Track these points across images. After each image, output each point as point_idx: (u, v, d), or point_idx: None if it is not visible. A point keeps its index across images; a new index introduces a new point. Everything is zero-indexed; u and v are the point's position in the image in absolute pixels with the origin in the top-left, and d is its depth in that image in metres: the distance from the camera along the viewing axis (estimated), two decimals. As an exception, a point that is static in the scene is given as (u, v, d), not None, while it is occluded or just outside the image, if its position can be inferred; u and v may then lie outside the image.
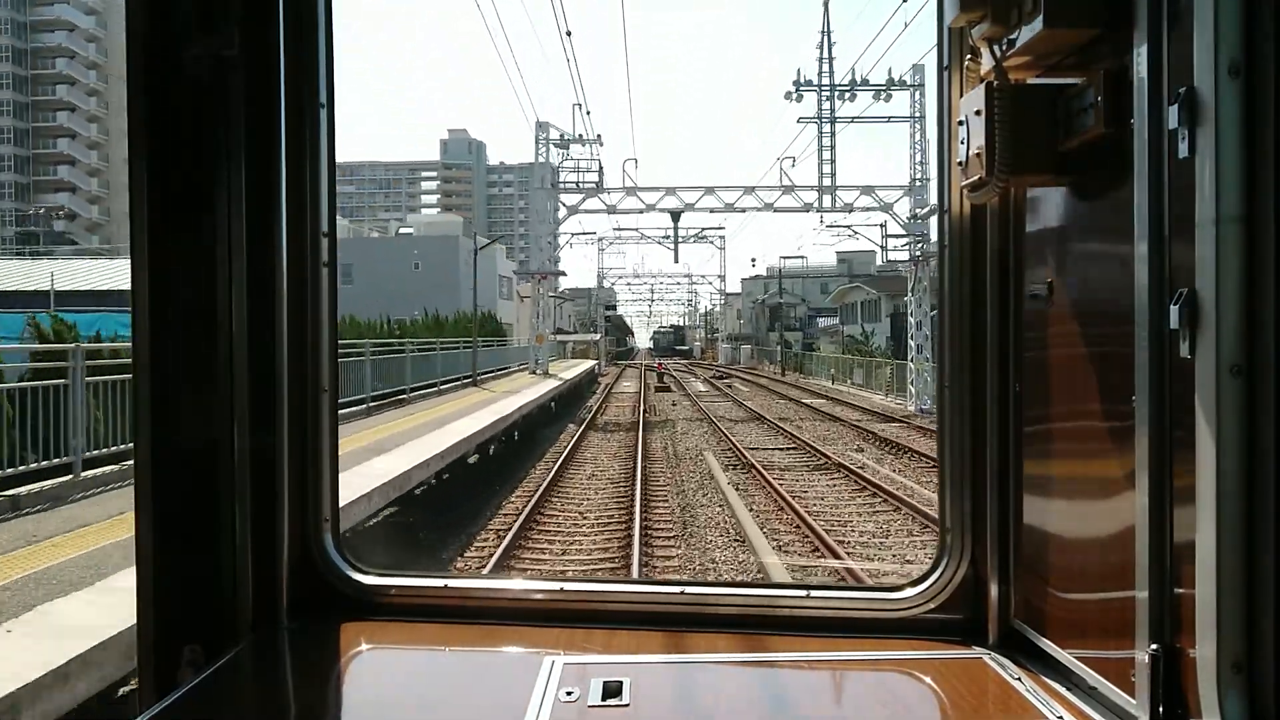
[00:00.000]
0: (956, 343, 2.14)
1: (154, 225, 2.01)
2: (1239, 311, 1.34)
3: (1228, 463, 1.34)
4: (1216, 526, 1.35)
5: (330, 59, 2.21)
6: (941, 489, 2.22)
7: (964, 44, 2.04)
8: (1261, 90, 1.31)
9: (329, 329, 2.23)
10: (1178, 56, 1.44)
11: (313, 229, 2.18)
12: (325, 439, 2.23)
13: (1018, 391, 2.06)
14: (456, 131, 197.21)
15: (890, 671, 2.04)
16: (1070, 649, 1.87)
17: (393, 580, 2.31)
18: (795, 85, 33.23)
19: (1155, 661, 1.50)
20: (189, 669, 1.99)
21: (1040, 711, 1.75)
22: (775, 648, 2.10)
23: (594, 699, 1.80)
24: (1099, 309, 1.78)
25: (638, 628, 2.19)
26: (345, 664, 2.11)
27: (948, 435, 2.17)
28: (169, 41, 2.01)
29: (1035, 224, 2.01)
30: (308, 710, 2.01)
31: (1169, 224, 1.47)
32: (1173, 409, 1.48)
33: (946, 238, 2.14)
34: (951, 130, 2.06)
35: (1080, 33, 1.74)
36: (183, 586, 2.05)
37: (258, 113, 2.07)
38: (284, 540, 2.15)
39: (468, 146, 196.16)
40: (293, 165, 2.14)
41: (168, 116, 2.03)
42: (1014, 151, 1.80)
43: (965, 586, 2.13)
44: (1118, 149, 1.62)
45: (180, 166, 2.05)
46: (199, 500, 2.07)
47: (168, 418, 2.05)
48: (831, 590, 2.52)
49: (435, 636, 2.22)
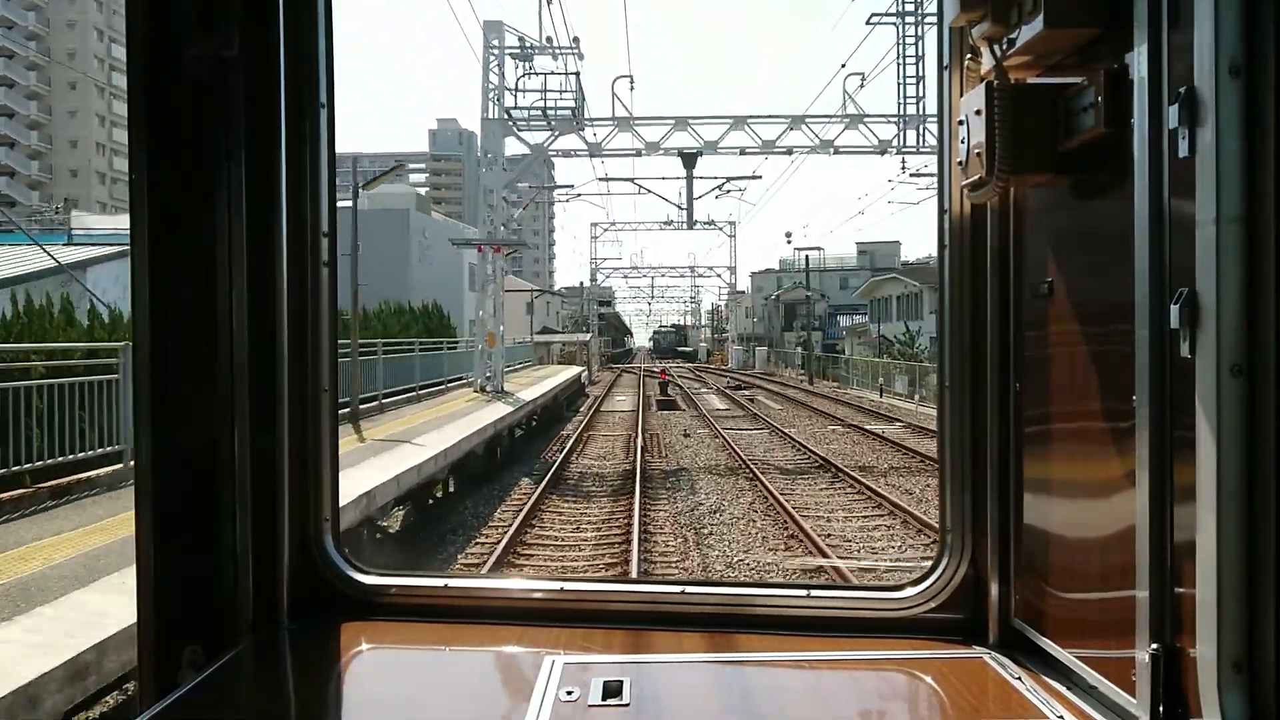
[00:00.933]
0: (957, 342, 2.14)
1: (154, 225, 2.01)
2: (1239, 311, 1.34)
3: (1228, 462, 1.34)
4: (1217, 526, 1.35)
5: (330, 59, 2.21)
6: (942, 488, 2.22)
7: (964, 43, 2.04)
8: (1261, 90, 1.31)
9: (329, 329, 2.23)
10: (1178, 56, 1.44)
11: (313, 229, 2.18)
12: (325, 439, 2.23)
13: (1018, 391, 2.06)
14: (446, 121, 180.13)
15: (891, 671, 2.04)
16: (1071, 648, 1.87)
17: (393, 580, 2.31)
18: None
19: (1156, 661, 1.50)
20: (190, 669, 1.99)
21: (1041, 711, 1.75)
22: (775, 647, 2.09)
23: (594, 699, 1.80)
24: (1099, 308, 1.78)
25: (638, 627, 2.19)
26: (346, 664, 2.11)
27: (948, 435, 2.17)
28: (169, 41, 2.01)
29: (1035, 224, 2.01)
30: (308, 710, 2.01)
31: (1169, 223, 1.47)
32: (1173, 409, 1.48)
33: (946, 237, 2.14)
34: (952, 130, 2.06)
35: (1080, 32, 1.74)
36: (183, 587, 2.05)
37: (258, 113, 2.07)
38: (284, 540, 2.15)
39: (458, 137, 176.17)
40: (293, 165, 2.14)
41: (168, 116, 2.03)
42: (1014, 151, 1.80)
43: (966, 586, 2.13)
44: (1118, 149, 1.62)
45: (180, 166, 2.05)
46: (199, 500, 2.07)
47: (168, 418, 2.05)
48: (832, 590, 2.52)
49: (436, 636, 2.22)
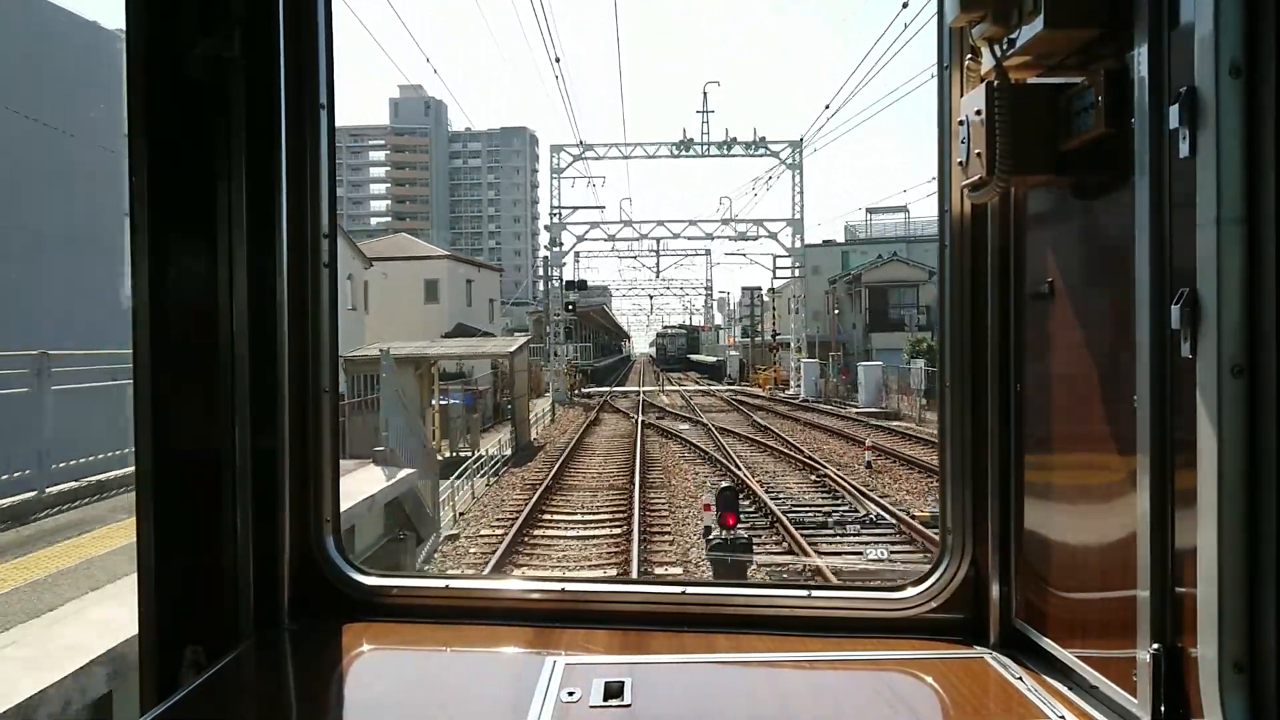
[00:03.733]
0: (957, 343, 2.14)
1: (154, 226, 2.01)
2: (1240, 311, 1.34)
3: (1229, 462, 1.34)
4: (1218, 526, 1.35)
5: (330, 60, 2.22)
6: (943, 488, 2.22)
7: (964, 43, 2.03)
8: (1262, 90, 1.31)
9: (329, 329, 2.23)
10: (1178, 56, 1.44)
11: (313, 229, 2.19)
12: (326, 440, 2.23)
13: (1019, 391, 2.06)
14: (410, 89, 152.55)
15: (891, 671, 2.04)
16: (1072, 648, 1.87)
17: (394, 581, 2.31)
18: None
19: (1157, 661, 1.50)
20: (191, 670, 1.99)
21: (1042, 711, 1.75)
22: (777, 648, 2.10)
23: (595, 699, 1.80)
24: (1100, 309, 1.78)
25: (639, 628, 2.19)
26: (347, 665, 2.11)
27: (949, 435, 2.17)
28: (169, 42, 2.01)
29: (1036, 224, 2.01)
30: (309, 711, 2.01)
31: (1170, 224, 1.47)
32: (1174, 409, 1.48)
33: (947, 237, 2.14)
34: (951, 130, 2.06)
35: (1081, 33, 1.74)
36: (184, 587, 2.06)
37: (258, 114, 2.08)
38: (285, 541, 2.15)
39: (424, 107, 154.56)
40: (293, 166, 2.14)
41: (168, 117, 2.04)
42: (1014, 151, 1.80)
43: (966, 586, 2.13)
44: (1118, 149, 1.62)
45: (180, 167, 2.05)
46: (200, 501, 2.07)
47: (168, 418, 2.05)
48: (832, 590, 2.52)
49: (437, 637, 2.22)
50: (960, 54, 2.06)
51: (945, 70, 2.11)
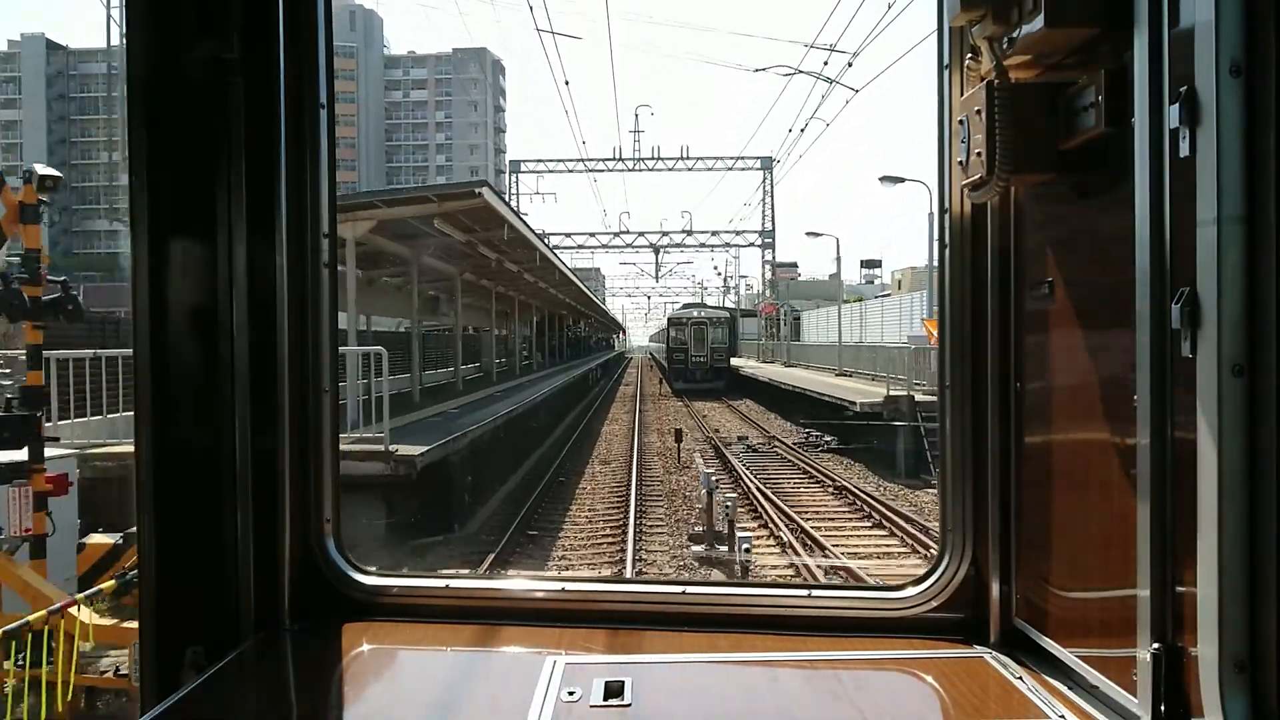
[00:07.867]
0: (957, 342, 2.14)
1: (154, 226, 2.01)
2: (1240, 311, 1.34)
3: (1229, 462, 1.34)
4: (1218, 525, 1.34)
5: (330, 60, 2.22)
6: (943, 488, 2.22)
7: (964, 43, 2.03)
8: (1262, 90, 1.31)
9: (329, 329, 2.23)
10: (1178, 56, 1.43)
11: (313, 229, 2.19)
12: (326, 439, 2.23)
13: (1018, 391, 2.06)
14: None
15: (892, 671, 2.04)
16: (1072, 648, 1.86)
17: (394, 581, 2.31)
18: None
19: (1157, 660, 1.50)
20: (191, 670, 1.99)
21: (1042, 710, 1.75)
22: (777, 647, 2.09)
23: (596, 699, 1.80)
24: (1100, 308, 1.78)
25: (639, 627, 2.19)
26: (347, 665, 2.11)
27: (949, 435, 2.17)
28: (169, 44, 2.01)
29: (1036, 223, 2.00)
30: (310, 711, 2.01)
31: (1170, 223, 1.47)
32: (1174, 408, 1.48)
33: (947, 237, 2.14)
34: (951, 129, 2.06)
35: (1081, 32, 1.74)
36: (185, 587, 2.06)
37: (258, 114, 2.08)
38: (285, 541, 2.15)
39: (349, 19, 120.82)
40: (292, 166, 2.14)
41: (168, 118, 2.04)
42: (1015, 151, 1.80)
43: (966, 586, 2.13)
44: (1118, 148, 1.62)
45: (180, 167, 2.05)
46: (200, 501, 2.07)
47: (168, 418, 2.05)
48: (833, 590, 2.52)
49: (437, 637, 2.21)
50: (960, 53, 2.06)
51: (945, 70, 2.11)
